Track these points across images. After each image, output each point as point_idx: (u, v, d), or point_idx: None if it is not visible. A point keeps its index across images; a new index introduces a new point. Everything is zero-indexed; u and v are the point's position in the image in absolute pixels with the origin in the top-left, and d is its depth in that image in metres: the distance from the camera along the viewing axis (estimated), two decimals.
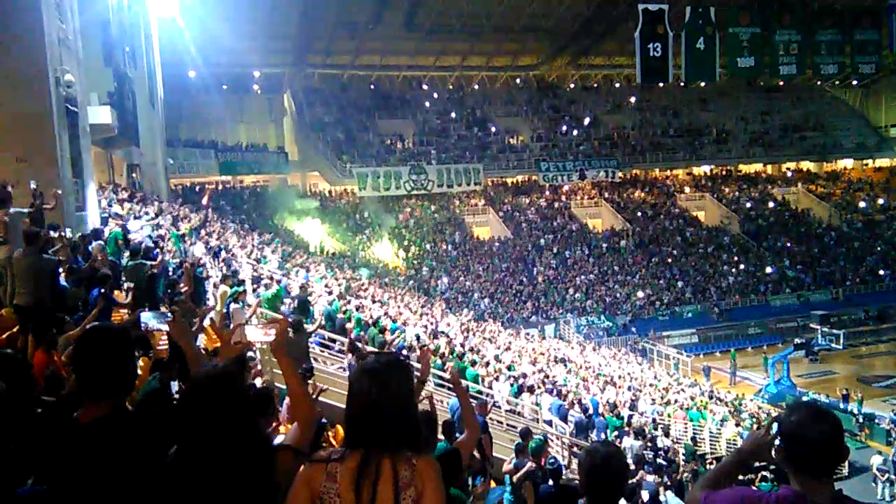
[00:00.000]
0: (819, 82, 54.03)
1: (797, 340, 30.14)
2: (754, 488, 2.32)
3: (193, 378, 2.25)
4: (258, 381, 7.86)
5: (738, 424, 19.86)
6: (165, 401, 4.58)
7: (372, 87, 48.55)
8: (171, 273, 10.72)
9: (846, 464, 18.77)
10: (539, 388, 15.53)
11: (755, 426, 17.79)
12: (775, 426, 2.28)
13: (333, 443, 7.40)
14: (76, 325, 6.14)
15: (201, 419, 2.04)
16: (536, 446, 7.60)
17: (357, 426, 2.08)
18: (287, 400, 7.13)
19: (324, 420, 8.01)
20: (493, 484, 7.21)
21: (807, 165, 52.85)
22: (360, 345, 11.41)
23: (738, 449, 2.43)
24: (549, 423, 13.52)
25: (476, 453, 6.49)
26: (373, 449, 2.03)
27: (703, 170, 50.84)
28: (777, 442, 2.17)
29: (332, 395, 9.96)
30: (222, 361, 2.74)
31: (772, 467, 17.53)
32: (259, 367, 9.76)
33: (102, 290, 7.07)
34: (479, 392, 13.00)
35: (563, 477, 6.37)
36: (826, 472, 2.08)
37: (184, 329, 3.08)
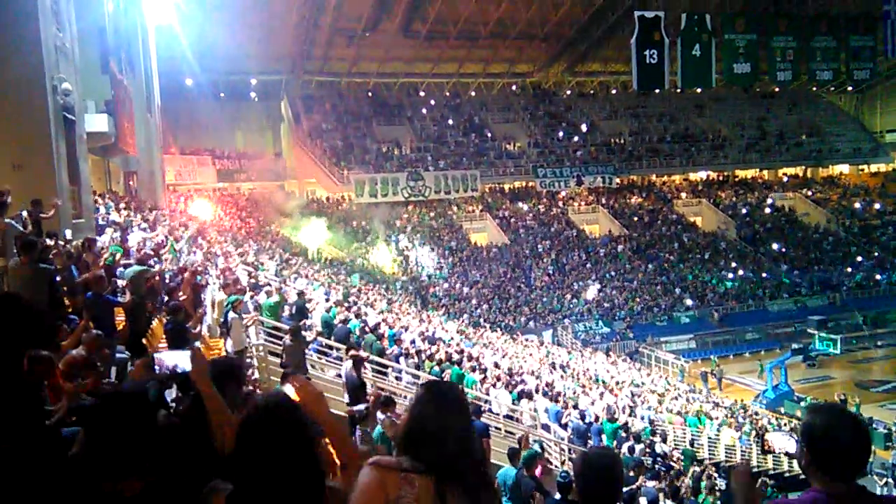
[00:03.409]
0: (815, 88, 54.32)
1: (794, 346, 30.15)
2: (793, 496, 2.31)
3: (257, 405, 2.06)
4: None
5: (738, 430, 19.87)
6: (163, 409, 4.55)
7: (369, 93, 48.64)
8: (168, 281, 10.70)
9: None
10: (537, 393, 15.53)
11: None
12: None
13: (331, 451, 7.34)
14: (73, 333, 6.11)
15: (267, 451, 1.91)
16: (529, 456, 7.58)
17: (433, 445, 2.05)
18: None
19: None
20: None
21: (803, 171, 53.03)
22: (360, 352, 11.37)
23: None
24: (548, 428, 13.49)
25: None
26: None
27: (699, 175, 50.99)
28: (796, 446, 2.16)
29: (330, 403, 9.98)
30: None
31: (771, 473, 17.57)
32: (257, 375, 9.74)
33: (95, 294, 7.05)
34: (477, 398, 12.98)
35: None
36: (853, 475, 2.08)
37: (204, 370, 2.91)
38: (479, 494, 2.03)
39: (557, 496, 6.13)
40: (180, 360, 3.80)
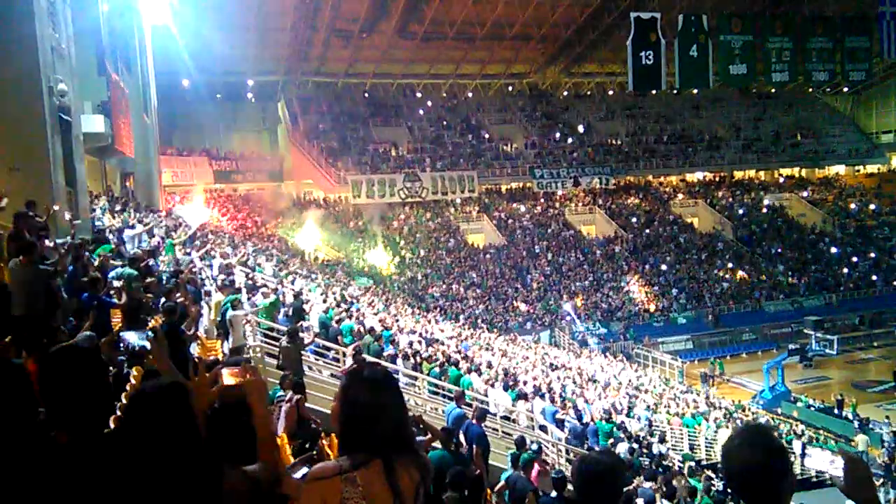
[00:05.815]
0: (811, 89, 54.42)
1: (791, 346, 30.21)
2: None
3: (138, 391, 2.08)
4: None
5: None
6: None
7: (366, 94, 48.57)
8: (165, 282, 10.66)
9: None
10: (534, 394, 15.50)
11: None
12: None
13: (329, 452, 7.33)
14: (71, 334, 6.10)
15: (148, 436, 1.92)
16: (527, 458, 7.56)
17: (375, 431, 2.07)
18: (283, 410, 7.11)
19: (320, 428, 7.96)
20: (489, 493, 7.18)
21: (799, 172, 53.15)
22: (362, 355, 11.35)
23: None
24: (545, 429, 13.48)
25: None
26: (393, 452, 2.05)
27: (696, 176, 51.05)
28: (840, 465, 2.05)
29: (327, 404, 9.95)
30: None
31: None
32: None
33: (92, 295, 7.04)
34: (474, 399, 12.96)
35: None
36: (753, 501, 1.90)
37: (163, 351, 3.02)
38: (423, 462, 2.11)
39: (553, 494, 6.13)
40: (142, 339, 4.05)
